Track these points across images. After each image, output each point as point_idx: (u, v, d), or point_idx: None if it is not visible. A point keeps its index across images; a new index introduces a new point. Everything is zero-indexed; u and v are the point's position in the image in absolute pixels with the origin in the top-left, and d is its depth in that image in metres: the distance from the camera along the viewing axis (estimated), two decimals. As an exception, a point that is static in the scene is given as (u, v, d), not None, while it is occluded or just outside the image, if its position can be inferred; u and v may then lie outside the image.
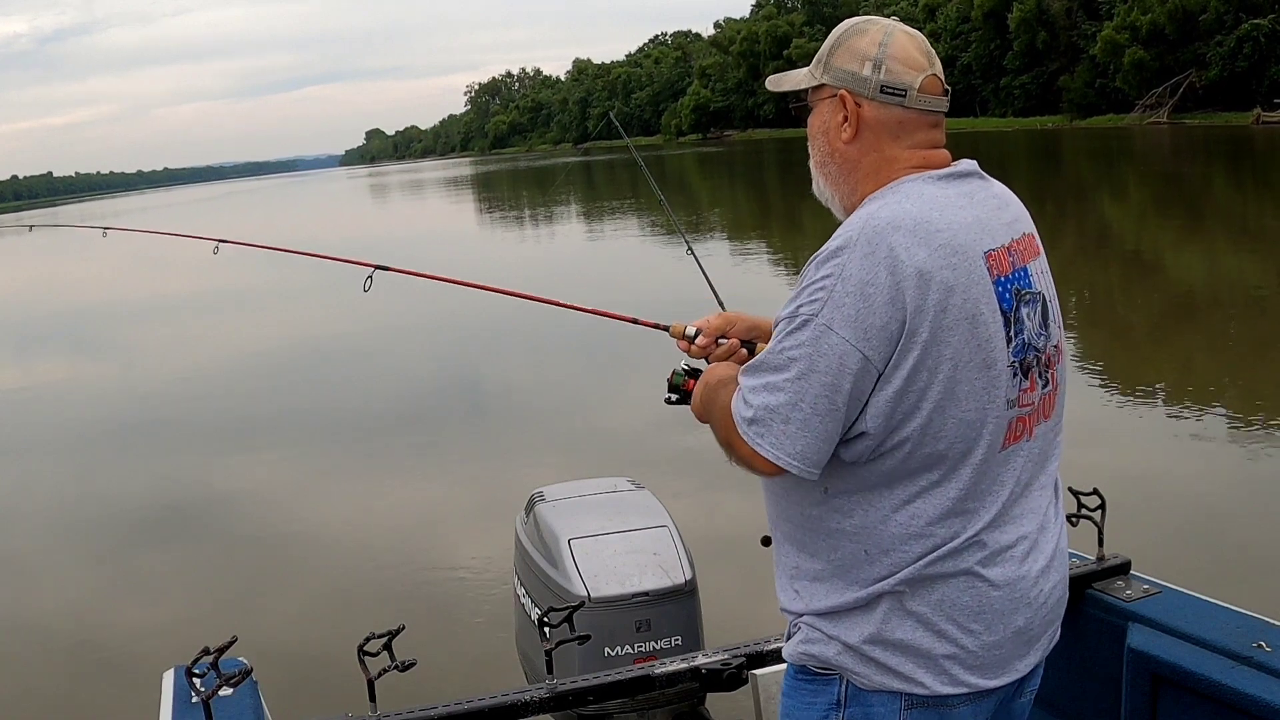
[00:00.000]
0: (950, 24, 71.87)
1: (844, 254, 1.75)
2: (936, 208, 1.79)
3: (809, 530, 1.89)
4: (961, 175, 1.89)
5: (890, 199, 1.82)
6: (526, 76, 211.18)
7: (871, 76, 1.86)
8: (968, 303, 1.75)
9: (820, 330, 1.73)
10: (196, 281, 21.71)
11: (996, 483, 1.82)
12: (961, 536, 1.80)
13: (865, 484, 1.81)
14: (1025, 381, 1.83)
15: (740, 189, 43.62)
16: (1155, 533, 5.70)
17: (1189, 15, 52.85)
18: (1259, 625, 2.45)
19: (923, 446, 1.77)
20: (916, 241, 1.73)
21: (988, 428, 1.79)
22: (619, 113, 24.18)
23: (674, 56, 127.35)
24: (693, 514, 5.55)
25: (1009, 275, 1.82)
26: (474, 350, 13.76)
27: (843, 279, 1.73)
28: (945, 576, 1.80)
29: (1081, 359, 10.10)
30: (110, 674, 5.61)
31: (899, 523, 1.80)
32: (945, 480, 1.79)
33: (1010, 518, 1.84)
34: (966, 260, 1.77)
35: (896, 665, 1.82)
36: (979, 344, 1.76)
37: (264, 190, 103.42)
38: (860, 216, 1.80)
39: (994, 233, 1.84)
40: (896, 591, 1.81)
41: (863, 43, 1.88)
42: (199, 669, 2.37)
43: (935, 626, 1.81)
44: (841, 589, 1.85)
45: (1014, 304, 1.82)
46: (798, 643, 1.92)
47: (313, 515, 7.88)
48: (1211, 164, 33.70)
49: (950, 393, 1.75)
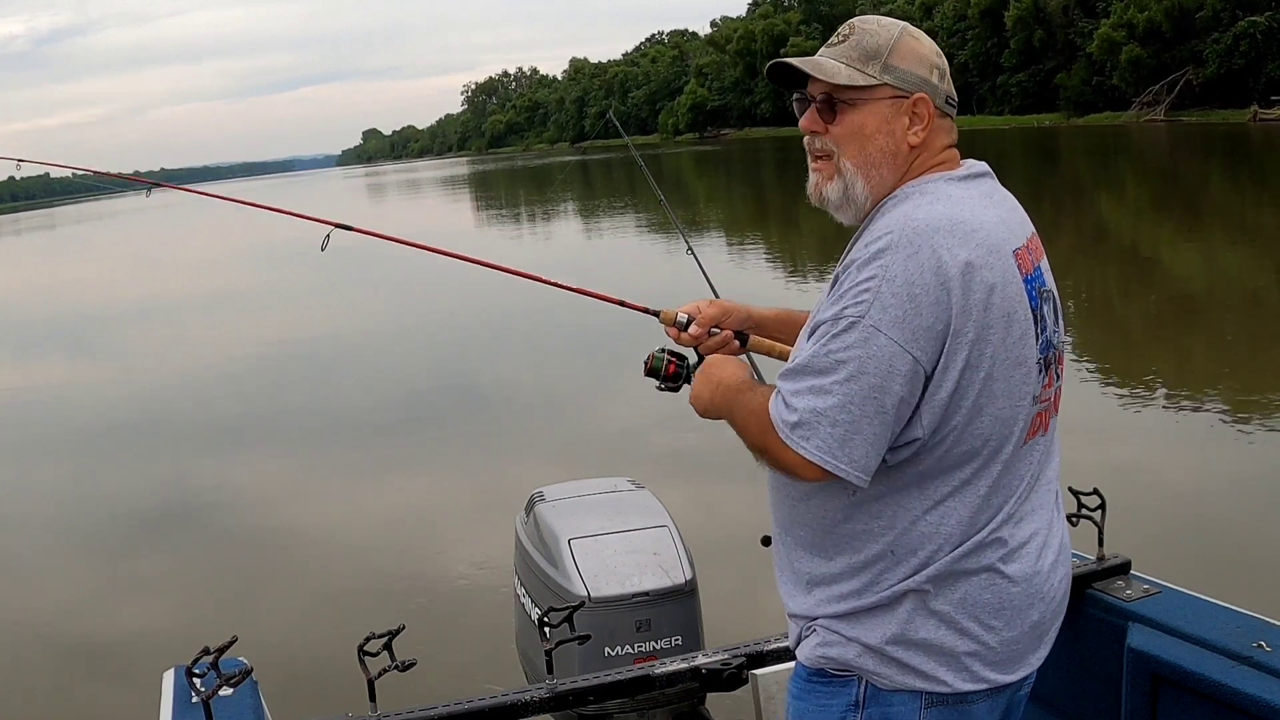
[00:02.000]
0: (947, 22, 71.91)
1: (887, 255, 1.74)
2: (966, 208, 1.80)
3: (828, 533, 1.88)
4: (978, 175, 1.90)
5: (920, 200, 1.82)
6: (523, 76, 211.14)
7: (941, 86, 1.88)
8: (1006, 300, 1.76)
9: (868, 332, 1.71)
10: (195, 282, 21.67)
11: (1016, 478, 1.84)
12: (984, 532, 1.81)
13: (896, 485, 1.80)
14: (1045, 377, 1.85)
15: (737, 188, 43.62)
16: (1155, 533, 5.71)
17: (1186, 12, 52.89)
18: (1259, 625, 2.45)
19: (960, 445, 1.78)
20: (957, 241, 1.74)
21: (1019, 424, 1.81)
22: (616, 112, 24.15)
23: (671, 55, 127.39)
24: (693, 514, 5.55)
25: (1031, 274, 1.84)
26: (474, 350, 13.76)
27: (888, 280, 1.72)
28: (969, 574, 1.81)
29: (1081, 358, 10.10)
30: (110, 674, 5.61)
31: (929, 522, 1.80)
32: (975, 478, 1.80)
33: (1024, 513, 1.86)
34: (1002, 259, 1.78)
35: (919, 665, 1.82)
36: (1014, 341, 1.78)
37: (262, 190, 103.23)
38: (896, 219, 1.79)
39: (1015, 232, 1.86)
40: (921, 591, 1.81)
41: (923, 49, 1.88)
42: (199, 669, 2.37)
43: (958, 625, 1.81)
44: (860, 591, 1.84)
45: (1038, 302, 1.84)
46: (814, 645, 1.90)
47: (313, 515, 7.87)
48: (1208, 161, 33.72)
49: (989, 390, 1.76)
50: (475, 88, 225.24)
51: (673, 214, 4.48)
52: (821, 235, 17.07)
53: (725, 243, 22.51)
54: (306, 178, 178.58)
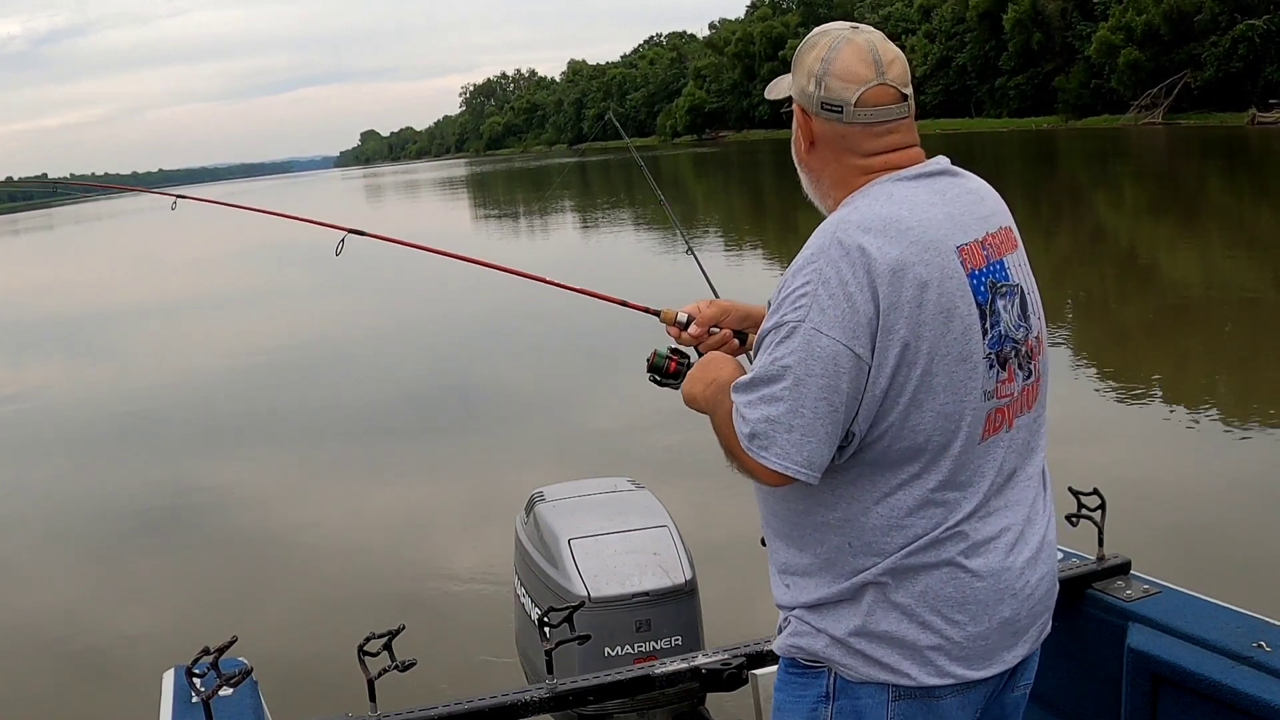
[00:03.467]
0: (945, 25, 71.96)
1: (819, 259, 1.79)
2: (905, 206, 1.83)
3: (796, 524, 1.92)
4: (932, 174, 1.91)
5: (859, 202, 1.86)
6: (521, 78, 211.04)
7: (815, 93, 1.90)
8: (942, 297, 1.78)
9: (809, 335, 1.75)
10: (195, 282, 21.67)
11: (977, 474, 1.84)
12: (942, 527, 1.82)
13: (847, 477, 1.83)
14: (1003, 373, 1.85)
15: (736, 189, 43.62)
16: (1155, 533, 5.71)
17: (1184, 16, 52.91)
18: (1259, 625, 2.46)
19: (901, 440, 1.80)
20: (887, 240, 1.77)
21: (965, 420, 1.82)
22: (614, 114, 24.16)
23: (669, 57, 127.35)
24: (693, 514, 5.54)
25: (983, 268, 1.85)
26: (474, 350, 13.77)
27: (823, 282, 1.76)
28: (927, 567, 1.83)
29: (1080, 359, 10.10)
30: (110, 674, 5.60)
31: (880, 514, 1.83)
32: (924, 472, 1.82)
33: (993, 509, 1.86)
34: (939, 255, 1.80)
35: (882, 657, 1.84)
36: (955, 337, 1.79)
37: (260, 191, 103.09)
38: (830, 223, 1.85)
39: (966, 227, 1.86)
40: (880, 583, 1.83)
41: (810, 58, 1.92)
42: (199, 669, 2.37)
43: (919, 618, 1.83)
44: (828, 582, 1.88)
45: (989, 296, 1.84)
46: (787, 636, 1.95)
47: (313, 515, 7.87)
48: (1206, 165, 33.74)
49: (927, 386, 1.78)
50: (473, 89, 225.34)
51: (672, 214, 4.48)
52: (820, 237, 16.89)
53: (724, 243, 22.53)
54: (306, 179, 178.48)
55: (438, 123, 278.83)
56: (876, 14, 74.85)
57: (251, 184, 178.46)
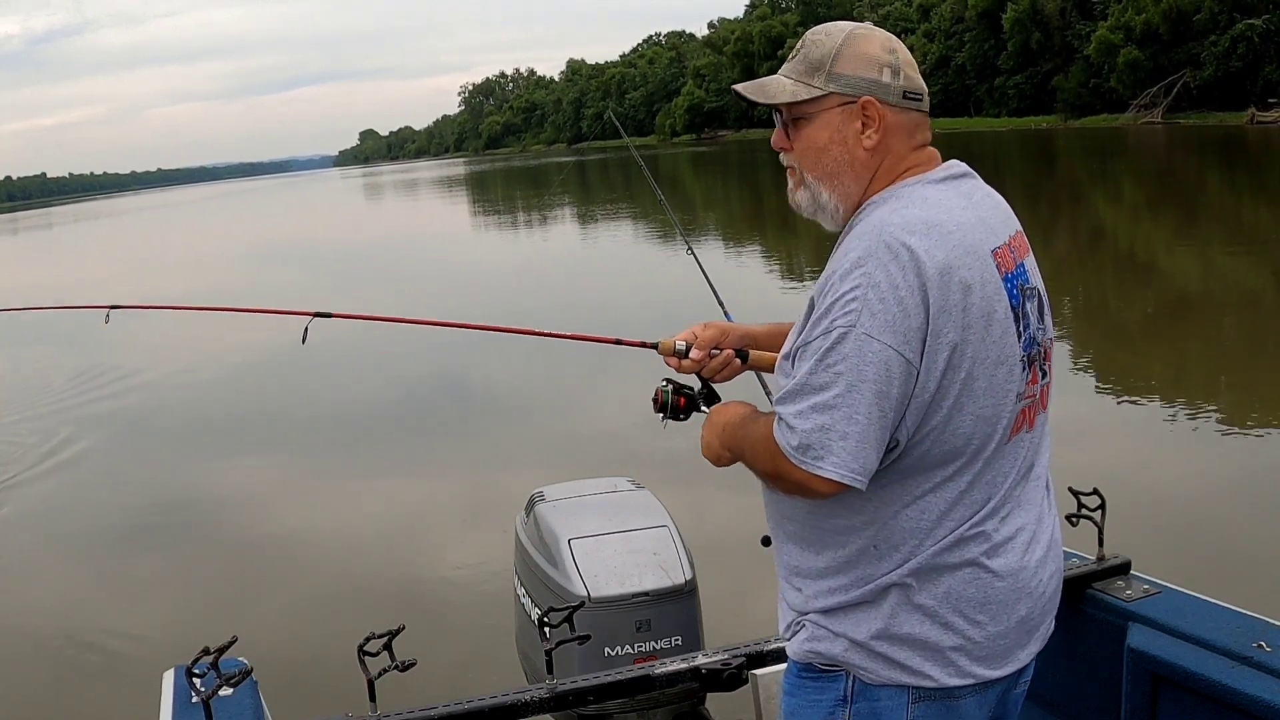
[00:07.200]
0: (944, 24, 71.96)
1: (868, 263, 1.75)
2: (942, 210, 1.82)
3: (814, 528, 1.90)
4: (956, 176, 1.92)
5: (895, 204, 1.84)
6: (520, 77, 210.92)
7: (893, 83, 1.87)
8: (985, 300, 1.78)
9: (861, 340, 1.73)
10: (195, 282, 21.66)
11: (1000, 474, 1.85)
12: (967, 527, 1.82)
13: (879, 482, 1.81)
14: (1029, 374, 1.86)
15: (735, 189, 43.60)
16: (1155, 533, 5.71)
17: (1183, 15, 52.91)
18: (1259, 625, 2.46)
19: (941, 444, 1.79)
20: (933, 243, 1.76)
21: (1002, 422, 1.82)
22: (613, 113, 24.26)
23: (668, 57, 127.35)
24: (693, 514, 5.54)
25: (1013, 272, 1.86)
26: (474, 350, 13.74)
27: (873, 287, 1.73)
28: (951, 568, 1.82)
29: (1080, 359, 10.09)
30: (110, 674, 5.60)
31: (910, 517, 1.82)
32: (957, 475, 1.81)
33: (1011, 508, 1.87)
34: (979, 259, 1.80)
35: (904, 659, 1.83)
36: (994, 340, 1.79)
37: (259, 191, 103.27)
38: (871, 226, 1.81)
39: (995, 231, 1.87)
40: (904, 585, 1.83)
41: (872, 49, 1.88)
42: (199, 669, 2.37)
43: (942, 619, 1.83)
44: (847, 585, 1.86)
45: (1020, 300, 1.85)
46: (803, 640, 1.92)
47: (313, 515, 7.87)
48: (1206, 164, 33.74)
49: (970, 389, 1.78)
50: (472, 89, 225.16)
51: (672, 214, 4.48)
52: (818, 235, 16.95)
53: (724, 244, 22.52)
54: (305, 178, 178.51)
55: (436, 122, 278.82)
56: (876, 13, 74.80)
57: (251, 183, 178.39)
